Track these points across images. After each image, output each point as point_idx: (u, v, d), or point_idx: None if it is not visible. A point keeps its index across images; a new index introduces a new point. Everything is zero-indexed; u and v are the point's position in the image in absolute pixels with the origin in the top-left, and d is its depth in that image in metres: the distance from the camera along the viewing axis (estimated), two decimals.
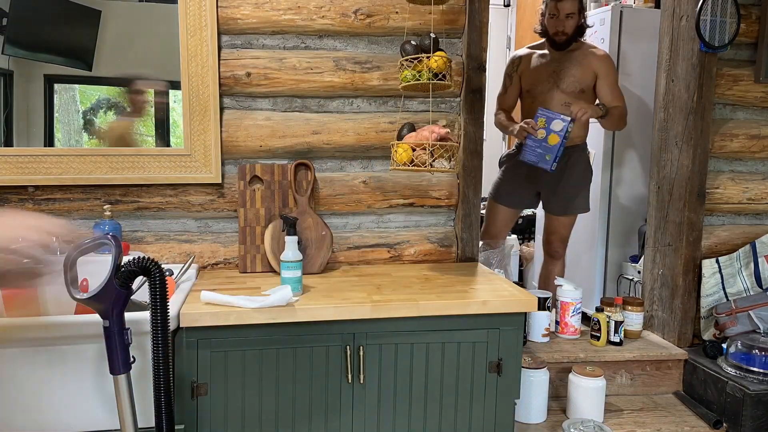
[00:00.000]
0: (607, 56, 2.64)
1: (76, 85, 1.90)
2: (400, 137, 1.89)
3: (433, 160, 1.77)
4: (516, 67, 2.74)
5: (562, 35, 2.57)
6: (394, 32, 2.02)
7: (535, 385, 2.09)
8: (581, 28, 2.61)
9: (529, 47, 2.76)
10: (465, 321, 1.60)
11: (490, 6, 2.10)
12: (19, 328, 1.32)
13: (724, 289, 2.37)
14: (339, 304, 1.54)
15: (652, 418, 2.18)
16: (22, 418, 1.37)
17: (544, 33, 2.65)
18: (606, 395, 2.12)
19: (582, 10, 2.61)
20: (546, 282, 2.89)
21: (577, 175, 2.72)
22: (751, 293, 2.34)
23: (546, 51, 2.69)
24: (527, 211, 3.95)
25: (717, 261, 2.38)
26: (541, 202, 2.85)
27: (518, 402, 1.69)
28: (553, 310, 2.52)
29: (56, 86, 1.88)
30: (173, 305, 1.44)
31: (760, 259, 2.38)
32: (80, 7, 1.84)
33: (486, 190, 2.58)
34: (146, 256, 1.25)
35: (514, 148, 2.80)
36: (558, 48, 2.61)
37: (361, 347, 1.56)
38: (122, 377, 1.28)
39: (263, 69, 1.96)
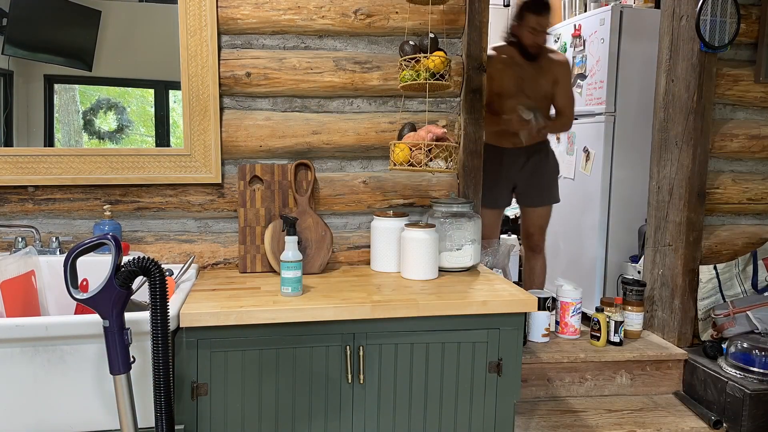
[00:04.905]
0: (566, 62, 2.82)
1: (76, 85, 1.90)
2: (400, 137, 1.89)
3: (429, 160, 1.77)
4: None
5: (538, 48, 2.72)
6: (394, 32, 2.02)
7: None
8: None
9: (493, 48, 2.82)
10: (465, 321, 1.60)
11: (490, 6, 2.10)
12: (19, 328, 1.32)
13: (721, 291, 2.37)
14: (339, 304, 1.54)
15: (652, 418, 2.18)
16: (22, 418, 1.37)
17: (516, 43, 2.77)
18: (606, 395, 2.12)
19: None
20: (530, 277, 3.00)
21: (549, 167, 2.91)
22: (748, 295, 2.34)
23: (510, 56, 2.79)
24: None
25: (714, 267, 2.38)
26: (515, 198, 3.00)
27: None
28: (553, 310, 2.52)
29: (56, 86, 1.88)
30: (173, 305, 1.44)
31: (759, 263, 2.38)
32: (80, 7, 1.84)
33: None
34: (146, 256, 1.25)
35: None
36: (530, 59, 2.75)
37: (361, 347, 1.56)
38: (122, 377, 1.28)
39: (263, 69, 1.96)
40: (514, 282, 2.20)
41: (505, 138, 2.79)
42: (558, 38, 3.54)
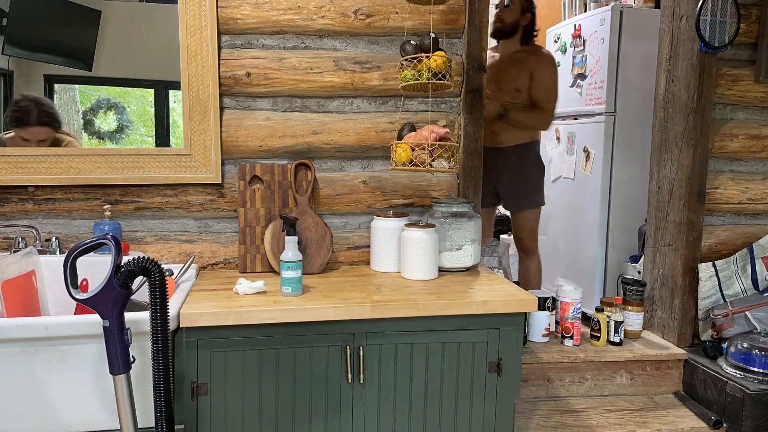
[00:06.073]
0: (546, 56, 2.75)
1: (76, 85, 1.90)
2: (400, 137, 1.89)
3: (432, 160, 1.77)
4: None
5: (498, 22, 2.68)
6: (394, 32, 2.02)
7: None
8: (528, 30, 2.74)
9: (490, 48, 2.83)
10: (465, 321, 1.60)
11: (490, 6, 2.11)
12: (19, 328, 1.32)
13: (721, 291, 2.37)
14: (339, 304, 1.54)
15: (652, 418, 2.18)
16: (22, 418, 1.37)
17: (492, 32, 2.76)
18: (606, 395, 2.12)
19: (531, 11, 2.72)
20: (525, 279, 3.00)
21: (531, 169, 2.86)
22: (748, 295, 2.34)
23: (496, 53, 2.80)
24: None
25: (713, 264, 2.38)
26: (501, 201, 2.99)
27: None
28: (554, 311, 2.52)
29: (56, 86, 1.88)
30: (173, 305, 1.44)
31: (756, 261, 2.38)
32: (80, 7, 1.84)
33: None
34: (146, 256, 1.25)
35: None
36: (496, 37, 2.71)
37: (361, 347, 1.56)
38: (122, 377, 1.28)
39: (263, 69, 1.96)
40: (513, 282, 2.20)
41: (486, 137, 2.80)
42: (558, 38, 3.54)
